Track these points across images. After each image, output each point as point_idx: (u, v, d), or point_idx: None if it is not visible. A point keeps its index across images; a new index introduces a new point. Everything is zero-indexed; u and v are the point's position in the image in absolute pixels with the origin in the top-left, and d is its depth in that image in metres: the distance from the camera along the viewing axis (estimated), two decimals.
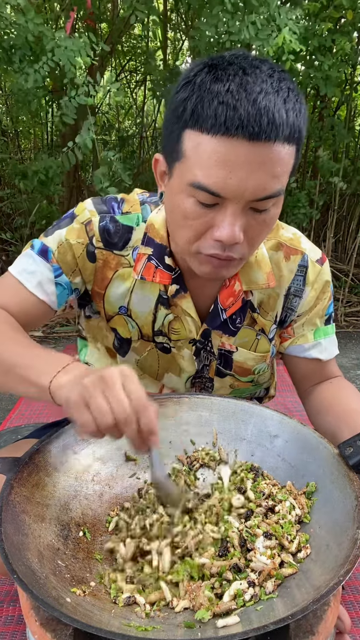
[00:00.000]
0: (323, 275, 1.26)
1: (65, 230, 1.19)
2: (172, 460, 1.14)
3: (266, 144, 0.89)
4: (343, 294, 3.96)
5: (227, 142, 0.89)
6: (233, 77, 0.89)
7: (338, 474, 0.95)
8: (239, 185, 0.91)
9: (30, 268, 1.18)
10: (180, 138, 0.95)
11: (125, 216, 1.19)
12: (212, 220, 0.97)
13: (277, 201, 0.99)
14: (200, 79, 0.91)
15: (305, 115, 0.95)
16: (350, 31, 3.11)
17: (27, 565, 0.78)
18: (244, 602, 0.81)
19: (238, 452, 1.13)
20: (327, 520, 0.91)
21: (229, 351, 1.28)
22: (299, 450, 1.06)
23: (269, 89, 0.88)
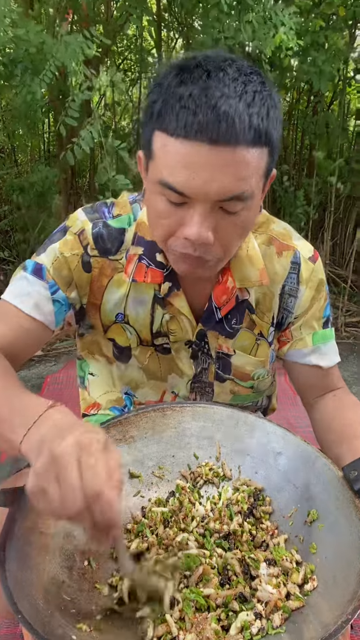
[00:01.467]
0: (317, 273, 1.25)
1: (59, 243, 1.18)
2: (176, 476, 1.13)
3: (227, 148, 0.90)
4: (342, 302, 3.86)
5: (189, 145, 0.90)
6: (196, 80, 0.90)
7: (343, 499, 0.93)
8: (203, 186, 0.92)
9: (25, 290, 1.17)
10: (151, 138, 0.97)
11: (117, 219, 1.20)
12: (181, 219, 0.98)
13: (247, 205, 0.98)
14: (167, 82, 0.93)
15: (275, 116, 0.95)
16: (342, 27, 3.10)
17: (32, 604, 0.77)
18: (251, 636, 0.80)
19: (242, 468, 1.12)
20: (333, 551, 0.89)
21: (226, 354, 1.27)
22: (303, 470, 1.04)
23: (231, 93, 0.89)
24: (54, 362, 3.26)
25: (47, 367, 3.19)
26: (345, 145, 4.19)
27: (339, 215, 4.21)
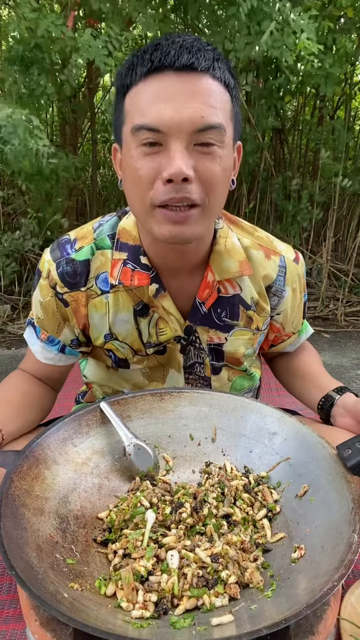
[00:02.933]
0: (299, 275, 1.35)
1: (38, 291, 1.28)
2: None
3: (193, 75, 0.96)
4: (343, 294, 3.96)
5: (158, 78, 0.96)
6: (161, 41, 0.99)
7: (336, 475, 0.95)
8: (175, 115, 0.95)
9: (33, 341, 1.35)
10: (122, 107, 1.03)
11: (79, 252, 1.23)
12: (159, 165, 0.98)
13: (220, 139, 1.00)
14: (132, 60, 1.01)
15: (229, 67, 1.03)
16: (351, 29, 3.12)
17: (25, 560, 0.78)
18: None
19: (237, 447, 1.14)
20: (323, 521, 0.91)
21: (218, 344, 1.32)
22: (298, 449, 1.06)
23: (195, 42, 0.99)
24: None
25: None
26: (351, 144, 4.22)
27: (342, 213, 4.24)
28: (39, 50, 2.58)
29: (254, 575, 0.86)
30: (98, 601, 0.82)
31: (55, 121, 4.40)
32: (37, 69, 2.65)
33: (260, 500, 1.03)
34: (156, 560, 0.89)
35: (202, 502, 1.02)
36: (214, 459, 1.14)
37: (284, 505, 1.02)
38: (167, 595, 0.83)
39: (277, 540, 0.96)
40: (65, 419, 1.07)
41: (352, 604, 1.08)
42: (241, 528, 0.97)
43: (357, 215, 4.21)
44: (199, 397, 1.18)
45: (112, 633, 0.68)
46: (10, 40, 2.75)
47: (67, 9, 2.86)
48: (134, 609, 0.81)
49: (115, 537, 0.96)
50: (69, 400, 1.67)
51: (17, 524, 0.84)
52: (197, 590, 0.84)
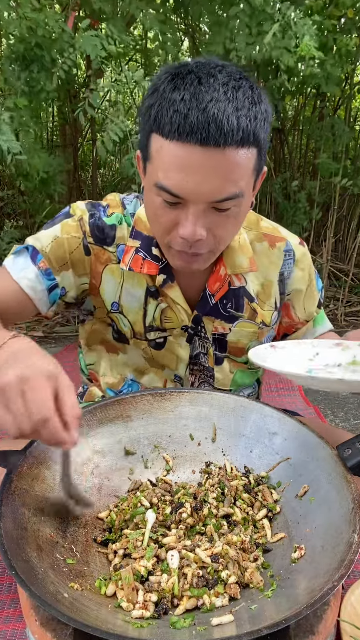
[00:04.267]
0: (307, 257, 1.37)
1: (60, 225, 1.25)
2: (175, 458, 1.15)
3: (217, 150, 0.96)
4: (343, 294, 3.96)
5: (182, 147, 0.97)
6: (189, 86, 0.96)
7: (336, 475, 0.95)
8: (195, 188, 0.99)
9: (23, 267, 1.23)
10: (148, 140, 1.04)
11: (110, 217, 1.27)
12: (177, 218, 1.05)
13: (238, 202, 1.05)
14: (162, 87, 0.99)
15: (263, 118, 1.01)
16: (351, 29, 3.12)
17: (25, 560, 0.78)
18: None
19: (237, 447, 1.14)
20: (323, 521, 0.91)
21: (222, 334, 1.34)
22: (298, 449, 1.06)
23: (221, 97, 0.95)
24: (54, 344, 3.35)
25: (47, 348, 3.27)
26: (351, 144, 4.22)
27: (343, 213, 4.24)
28: (39, 48, 2.60)
29: (254, 575, 0.86)
30: (98, 601, 0.82)
31: (56, 121, 4.40)
32: (36, 67, 2.66)
33: (260, 500, 1.03)
34: (156, 560, 0.89)
35: (202, 502, 1.02)
36: (214, 459, 1.14)
37: (284, 505, 1.02)
38: (167, 595, 0.83)
39: (277, 540, 0.96)
40: None
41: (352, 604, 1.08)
42: (241, 528, 0.97)
43: (357, 215, 4.21)
44: (199, 397, 1.18)
45: (112, 633, 0.68)
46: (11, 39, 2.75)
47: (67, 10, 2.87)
48: (134, 609, 0.81)
49: (115, 537, 0.96)
50: None
51: (17, 524, 0.84)
52: (197, 590, 0.84)
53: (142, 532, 0.93)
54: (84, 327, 1.42)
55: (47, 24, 2.47)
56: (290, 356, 1.15)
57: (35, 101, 2.91)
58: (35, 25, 2.46)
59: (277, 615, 0.73)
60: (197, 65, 1.00)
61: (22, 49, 2.57)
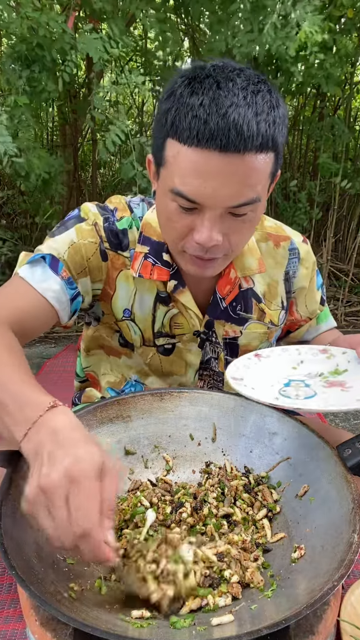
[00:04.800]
0: (310, 255, 1.38)
1: (75, 230, 1.21)
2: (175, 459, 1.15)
3: (236, 155, 0.95)
4: (343, 294, 3.96)
5: (201, 153, 0.95)
6: (207, 90, 0.94)
7: (336, 475, 0.95)
8: (213, 194, 0.98)
9: (43, 278, 1.16)
10: (163, 145, 1.02)
11: (120, 222, 1.24)
12: (192, 223, 1.04)
13: (254, 207, 1.04)
14: (179, 91, 0.97)
15: (281, 122, 1.00)
16: (351, 29, 3.12)
17: (25, 560, 0.78)
18: None
19: (237, 447, 1.14)
20: (323, 521, 0.91)
21: (234, 338, 1.34)
22: (298, 449, 1.06)
23: (240, 102, 0.94)
24: (54, 344, 3.37)
25: (47, 348, 3.32)
26: (351, 144, 4.22)
27: (343, 213, 4.24)
28: (40, 49, 2.60)
29: (255, 575, 0.86)
30: (98, 601, 0.82)
31: (56, 121, 4.40)
32: (38, 67, 2.66)
33: (260, 500, 1.03)
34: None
35: (202, 502, 1.02)
36: (214, 459, 1.14)
37: (284, 505, 1.02)
38: (184, 592, 0.83)
39: (277, 540, 0.96)
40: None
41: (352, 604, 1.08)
42: (242, 528, 0.97)
43: (357, 215, 4.22)
44: (199, 397, 1.18)
45: (112, 633, 0.68)
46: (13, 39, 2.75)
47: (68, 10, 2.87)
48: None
49: (115, 537, 0.96)
50: (67, 400, 1.67)
51: (17, 524, 0.84)
52: (204, 590, 0.84)
53: (140, 531, 0.93)
54: (87, 331, 1.40)
55: (48, 24, 2.47)
56: (272, 368, 1.15)
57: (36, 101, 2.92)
58: (36, 25, 2.47)
59: (277, 615, 0.73)
60: (215, 68, 0.98)
61: (24, 48, 2.57)
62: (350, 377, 1.09)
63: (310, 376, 1.12)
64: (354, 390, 1.04)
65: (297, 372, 1.15)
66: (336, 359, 1.14)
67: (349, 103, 3.99)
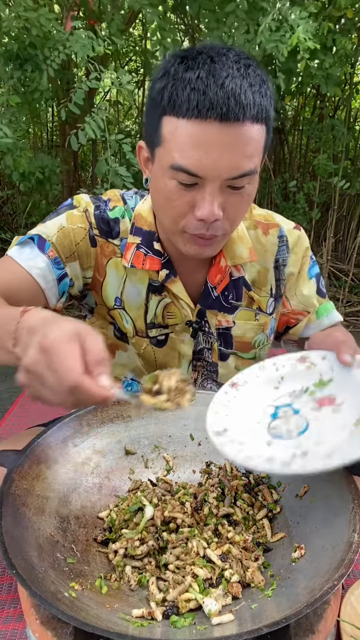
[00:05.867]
0: (303, 241, 1.35)
1: (65, 216, 1.24)
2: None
3: (235, 124, 0.96)
4: (343, 294, 3.96)
5: (200, 124, 0.96)
6: (202, 65, 0.97)
7: (336, 474, 0.94)
8: (214, 165, 0.98)
9: (31, 256, 1.18)
10: (159, 124, 1.02)
11: (113, 211, 1.27)
12: (193, 199, 1.04)
13: (251, 179, 1.05)
14: (174, 69, 0.99)
15: (271, 97, 1.03)
16: (350, 30, 3.12)
17: (26, 560, 0.78)
18: None
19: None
20: (323, 522, 0.91)
21: (227, 328, 1.34)
22: None
23: (235, 73, 0.96)
24: None
25: None
26: (351, 145, 4.22)
27: (343, 213, 4.24)
28: (32, 48, 2.60)
29: (255, 575, 0.86)
30: (98, 600, 0.82)
31: (56, 121, 4.40)
32: (30, 66, 2.66)
33: (261, 500, 1.03)
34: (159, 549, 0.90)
35: (203, 501, 1.02)
36: (215, 459, 1.14)
37: (284, 505, 1.02)
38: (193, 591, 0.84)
39: (277, 540, 0.96)
40: (65, 419, 1.07)
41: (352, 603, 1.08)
42: (242, 527, 0.97)
43: (357, 215, 4.22)
44: (199, 397, 1.17)
45: (113, 631, 0.68)
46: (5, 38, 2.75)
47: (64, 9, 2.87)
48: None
49: (116, 536, 0.96)
50: None
51: (18, 524, 0.84)
52: (204, 592, 0.84)
53: (139, 530, 0.94)
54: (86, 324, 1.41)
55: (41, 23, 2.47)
56: (253, 397, 1.05)
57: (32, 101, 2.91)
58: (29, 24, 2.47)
59: (277, 614, 0.73)
60: (205, 47, 1.01)
61: (16, 47, 2.57)
62: (338, 389, 1.00)
63: (295, 395, 1.02)
64: (347, 409, 0.95)
65: (280, 392, 1.05)
66: (318, 367, 1.05)
67: (349, 103, 3.99)
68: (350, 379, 0.99)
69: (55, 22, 2.54)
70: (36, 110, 3.54)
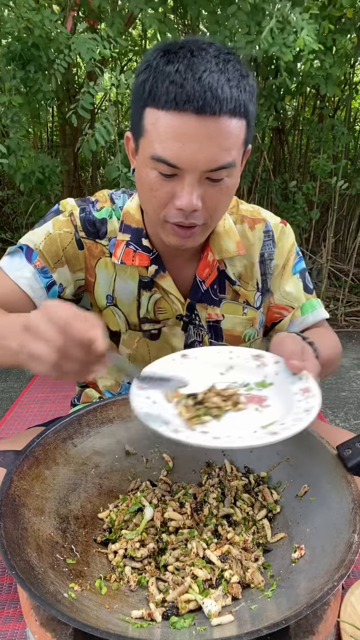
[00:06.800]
0: (288, 235, 1.37)
1: (52, 222, 1.27)
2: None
3: (212, 118, 0.99)
4: (343, 294, 3.96)
5: (178, 116, 0.99)
6: (182, 59, 1.00)
7: (336, 474, 0.95)
8: (192, 157, 1.01)
9: (19, 267, 1.23)
10: (141, 116, 1.05)
11: (99, 212, 1.29)
12: (172, 190, 1.07)
13: (230, 172, 1.07)
14: (155, 62, 1.02)
15: (251, 91, 1.05)
16: (350, 29, 3.12)
17: (25, 560, 0.78)
18: None
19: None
20: (323, 522, 0.91)
21: (217, 321, 1.35)
22: (298, 449, 1.06)
23: (214, 67, 0.99)
24: None
25: None
26: (351, 145, 4.21)
27: (342, 213, 4.24)
28: (35, 49, 2.60)
29: (255, 576, 0.86)
30: (98, 601, 0.82)
31: (56, 121, 4.40)
32: (33, 67, 2.67)
33: (260, 501, 1.03)
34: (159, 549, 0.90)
35: (203, 502, 1.02)
36: (215, 459, 1.14)
37: (284, 505, 1.02)
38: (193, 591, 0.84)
39: (277, 541, 0.96)
40: (65, 419, 1.07)
41: (352, 604, 1.08)
42: (242, 528, 0.97)
43: (357, 215, 4.21)
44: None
45: (112, 633, 0.68)
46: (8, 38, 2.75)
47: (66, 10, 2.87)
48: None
49: (115, 537, 0.96)
50: (68, 399, 1.67)
51: (18, 524, 0.84)
52: (204, 592, 0.84)
53: (139, 531, 0.93)
54: None
55: (43, 24, 2.47)
56: (195, 372, 1.05)
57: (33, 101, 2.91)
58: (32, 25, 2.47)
59: (277, 615, 0.73)
60: (188, 41, 1.04)
61: (19, 48, 2.57)
62: (273, 393, 1.01)
63: (235, 386, 1.04)
64: (268, 412, 0.96)
65: (222, 378, 1.06)
66: (267, 368, 1.06)
67: (349, 103, 3.98)
68: (286, 389, 1.00)
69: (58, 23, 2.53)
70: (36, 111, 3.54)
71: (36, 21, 2.44)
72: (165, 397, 0.99)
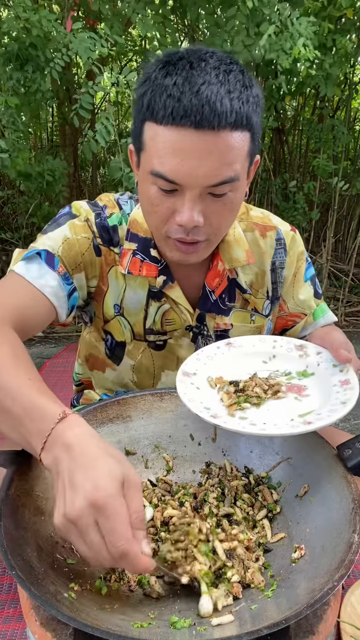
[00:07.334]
0: (296, 243, 1.35)
1: (68, 226, 1.21)
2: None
3: (211, 132, 0.96)
4: (343, 294, 3.96)
5: (176, 131, 0.96)
6: (180, 71, 0.97)
7: (336, 474, 0.95)
8: (191, 173, 0.98)
9: (40, 274, 1.15)
10: (142, 130, 1.03)
11: (111, 218, 1.26)
12: (173, 205, 1.04)
13: (234, 187, 1.04)
14: (154, 75, 0.99)
15: (255, 102, 1.01)
16: (350, 30, 3.12)
17: (26, 560, 0.78)
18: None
19: (237, 447, 1.14)
20: (323, 522, 0.91)
21: (225, 330, 1.34)
22: (298, 449, 1.06)
23: (213, 80, 0.95)
24: (54, 344, 3.36)
25: (47, 348, 3.30)
26: (351, 145, 4.21)
27: (342, 213, 4.24)
28: (33, 48, 2.60)
29: (255, 576, 0.87)
30: (98, 601, 0.82)
31: (56, 121, 4.40)
32: (31, 67, 2.67)
33: (260, 501, 1.03)
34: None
35: (203, 502, 1.02)
36: (215, 459, 1.14)
37: (284, 505, 1.02)
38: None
39: (277, 541, 0.96)
40: None
41: (352, 604, 1.08)
42: (243, 527, 0.97)
43: (357, 215, 4.21)
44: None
45: (112, 633, 0.68)
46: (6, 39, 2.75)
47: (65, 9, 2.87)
48: None
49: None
50: (67, 400, 1.67)
51: (18, 524, 0.84)
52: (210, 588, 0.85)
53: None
54: (84, 332, 1.41)
55: (41, 24, 2.47)
56: (240, 360, 1.09)
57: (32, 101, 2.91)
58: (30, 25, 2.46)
59: (277, 615, 0.73)
60: (188, 52, 1.01)
61: (16, 48, 2.57)
62: (313, 383, 1.05)
63: (277, 375, 1.07)
64: (306, 401, 1.00)
65: (266, 367, 1.10)
66: (309, 359, 1.09)
67: (349, 104, 3.99)
68: (327, 380, 1.04)
69: (56, 23, 2.53)
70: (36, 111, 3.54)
71: (34, 21, 2.43)
72: (208, 383, 1.08)
